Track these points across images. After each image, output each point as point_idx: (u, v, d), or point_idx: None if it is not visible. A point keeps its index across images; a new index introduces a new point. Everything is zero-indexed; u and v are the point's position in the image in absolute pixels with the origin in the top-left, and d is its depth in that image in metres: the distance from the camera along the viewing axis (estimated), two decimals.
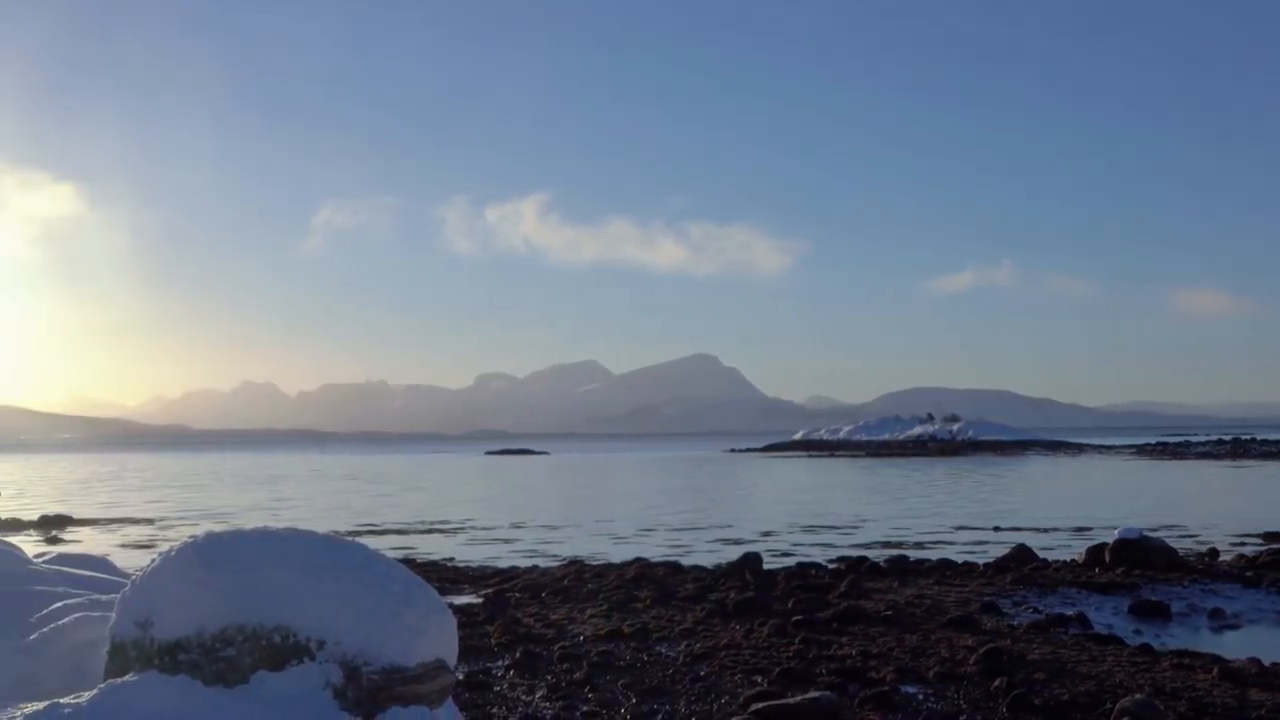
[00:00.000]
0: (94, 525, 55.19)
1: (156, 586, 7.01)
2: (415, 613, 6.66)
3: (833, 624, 21.06)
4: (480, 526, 51.60)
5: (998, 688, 15.31)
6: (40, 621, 8.76)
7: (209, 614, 6.72)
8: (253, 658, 6.61)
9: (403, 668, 6.54)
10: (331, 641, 6.50)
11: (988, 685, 15.58)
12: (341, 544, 7.24)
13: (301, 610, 6.58)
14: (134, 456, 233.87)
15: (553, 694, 15.82)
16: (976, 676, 16.14)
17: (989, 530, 46.42)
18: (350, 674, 6.46)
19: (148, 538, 47.66)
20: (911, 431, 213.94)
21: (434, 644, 6.69)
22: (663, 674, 17.00)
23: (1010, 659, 17.20)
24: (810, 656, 17.96)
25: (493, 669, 17.69)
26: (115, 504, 72.59)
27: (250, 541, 7.06)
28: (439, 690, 6.71)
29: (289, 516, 58.00)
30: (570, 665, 17.60)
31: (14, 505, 69.34)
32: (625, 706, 15.02)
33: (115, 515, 61.94)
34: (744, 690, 15.69)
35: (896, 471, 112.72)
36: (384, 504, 70.40)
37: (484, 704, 15.21)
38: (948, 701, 15.02)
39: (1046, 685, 15.56)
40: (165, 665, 6.76)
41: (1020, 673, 16.23)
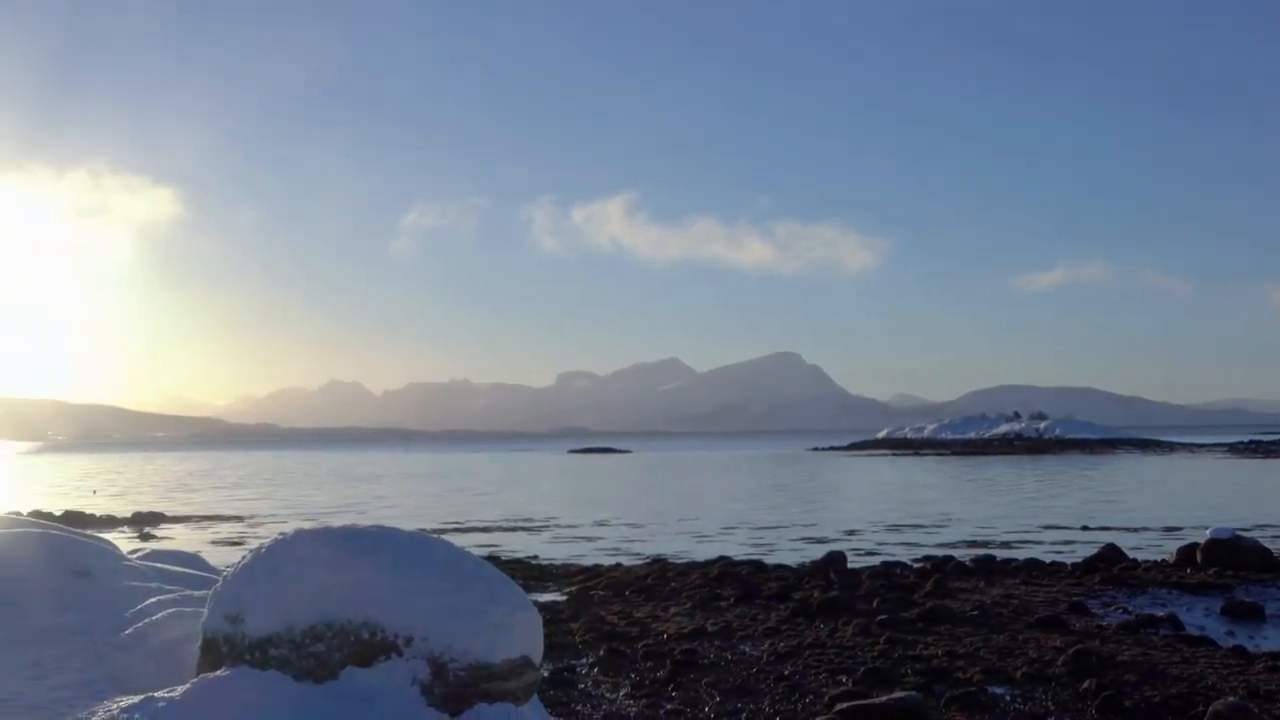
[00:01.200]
0: (185, 522, 56.05)
1: (247, 583, 7.10)
2: (501, 610, 6.70)
3: (918, 624, 20.91)
4: (564, 524, 51.77)
5: (1087, 689, 15.12)
6: (134, 617, 8.91)
7: (298, 610, 6.80)
8: (341, 654, 6.68)
9: (489, 664, 6.58)
10: (419, 638, 6.56)
11: (1076, 687, 15.39)
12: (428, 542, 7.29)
13: (389, 607, 6.64)
14: (223, 455, 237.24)
15: (637, 692, 15.84)
16: (1065, 678, 15.95)
17: (1077, 530, 45.85)
18: (437, 670, 6.51)
19: (237, 535, 48.34)
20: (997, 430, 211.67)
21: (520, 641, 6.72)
22: (747, 673, 16.97)
23: (1099, 660, 16.97)
24: (895, 656, 17.84)
25: (577, 666, 17.73)
26: (206, 502, 73.69)
27: (338, 539, 7.13)
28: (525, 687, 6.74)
29: (376, 514, 58.56)
30: (654, 663, 17.61)
31: (108, 503, 70.59)
32: (709, 705, 15.00)
33: (206, 513, 62.87)
34: (829, 690, 15.62)
35: (982, 470, 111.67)
36: (468, 502, 70.85)
37: (568, 701, 15.26)
38: (1035, 703, 14.85)
39: (1137, 687, 15.33)
40: (256, 660, 6.85)
41: (1110, 674, 16.01)
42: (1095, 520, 49.91)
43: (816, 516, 55.11)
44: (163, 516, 58.39)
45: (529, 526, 50.97)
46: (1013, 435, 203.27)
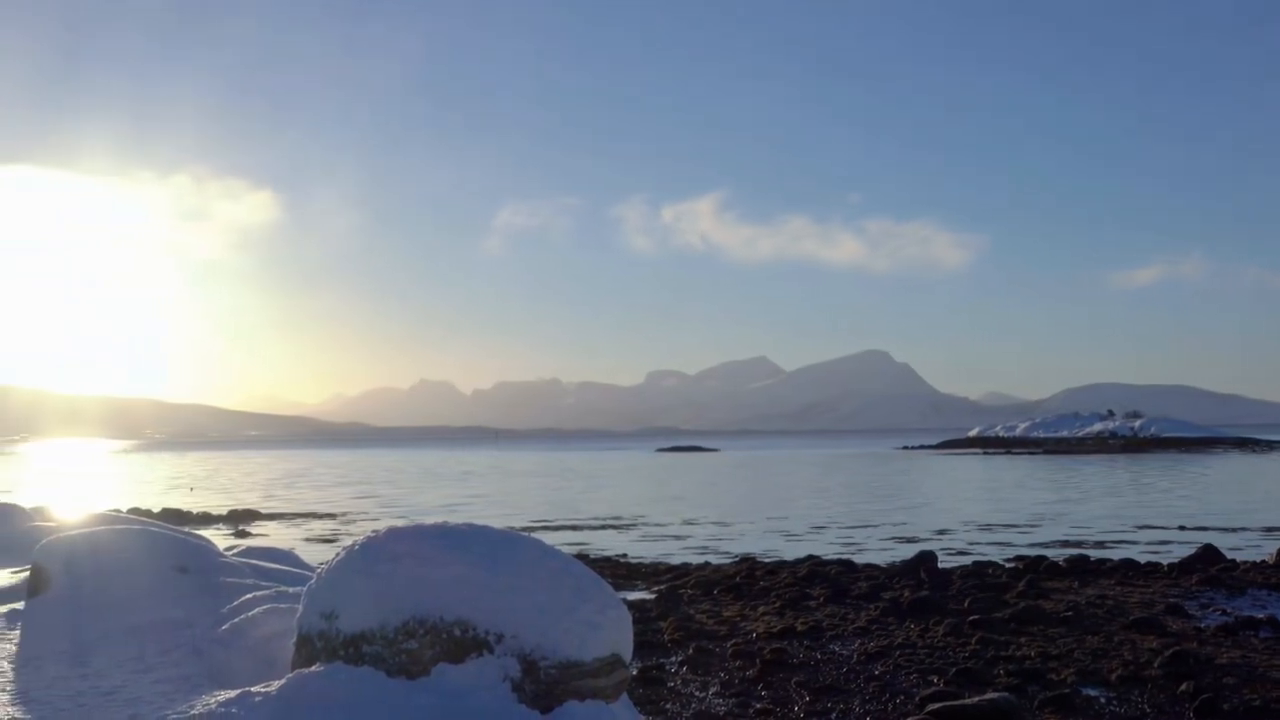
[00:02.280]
0: (279, 520, 56.84)
1: (341, 580, 7.20)
2: (591, 607, 6.73)
3: (1010, 624, 20.71)
4: (652, 523, 51.83)
5: (1184, 692, 14.89)
6: (231, 613, 9.06)
7: (391, 607, 6.88)
8: (433, 651, 6.75)
9: (579, 662, 6.61)
10: (510, 636, 6.61)
11: (1173, 689, 15.17)
12: (519, 539, 7.35)
13: (480, 605, 6.70)
14: (316, 453, 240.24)
15: (726, 690, 15.84)
16: (1161, 680, 15.72)
17: (1173, 530, 45.14)
18: (528, 667, 6.56)
19: (330, 532, 48.92)
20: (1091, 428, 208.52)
21: (610, 639, 6.75)
22: (836, 672, 16.91)
23: (1197, 662, 16.70)
24: (987, 657, 17.69)
25: (666, 665, 17.77)
26: (299, 499, 74.68)
27: (431, 537, 7.21)
28: (615, 685, 6.77)
29: (466, 512, 58.96)
30: (743, 662, 17.60)
31: (204, 500, 71.78)
32: (799, 704, 14.97)
33: (299, 510, 63.72)
34: (920, 690, 15.52)
35: (1075, 469, 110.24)
36: (557, 500, 71.15)
37: (658, 699, 15.29)
38: (1131, 705, 14.65)
39: (1236, 690, 15.07)
40: (350, 657, 6.94)
41: (1208, 677, 15.75)
42: (1192, 520, 49.11)
43: (906, 516, 54.71)
44: (257, 514, 59.29)
45: (617, 525, 51.10)
46: (1107, 434, 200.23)
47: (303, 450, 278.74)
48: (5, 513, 18.41)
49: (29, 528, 16.71)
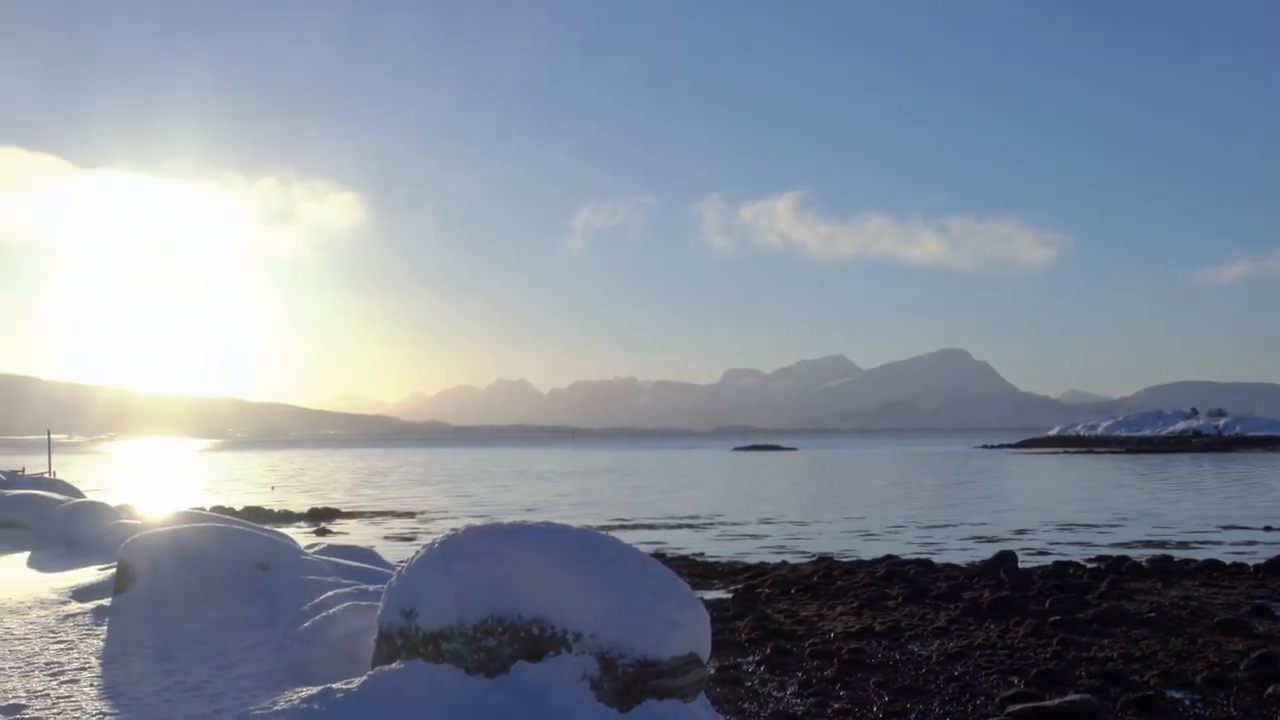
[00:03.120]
0: (359, 518, 57.40)
1: (420, 578, 7.25)
2: (669, 606, 6.73)
3: (1092, 625, 20.49)
4: (729, 522, 51.78)
5: (1271, 694, 14.65)
6: (312, 610, 9.16)
7: (470, 605, 6.92)
8: (512, 649, 6.78)
9: (657, 661, 6.61)
10: (587, 634, 6.62)
11: (1260, 692, 14.93)
12: (596, 538, 7.36)
13: (558, 603, 6.72)
14: (394, 452, 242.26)
15: (804, 690, 15.79)
16: (1248, 682, 15.47)
17: (1259, 530, 44.42)
18: (606, 666, 6.57)
19: (409, 530, 49.33)
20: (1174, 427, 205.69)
21: (688, 638, 6.75)
22: (916, 672, 16.80)
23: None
24: (1069, 658, 17.50)
25: (743, 664, 17.75)
26: (378, 498, 75.36)
27: (508, 535, 7.24)
28: (693, 684, 6.77)
29: (544, 511, 59.20)
30: (821, 662, 17.54)
31: (285, 498, 72.63)
32: (878, 704, 14.89)
33: (379, 508, 64.31)
34: (1000, 691, 15.39)
35: (1158, 469, 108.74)
36: (634, 499, 71.26)
37: (735, 699, 15.27)
38: (1216, 708, 14.43)
39: None
40: (429, 654, 6.99)
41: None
42: (1279, 520, 48.30)
43: (986, 515, 54.25)
44: (337, 512, 59.92)
45: (694, 524, 51.09)
46: (1190, 432, 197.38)
47: (381, 449, 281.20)
48: (92, 511, 18.75)
49: (115, 525, 16.99)
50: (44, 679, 8.19)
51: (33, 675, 8.31)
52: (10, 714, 7.20)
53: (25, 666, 8.61)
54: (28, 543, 18.85)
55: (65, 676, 8.25)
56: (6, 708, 7.35)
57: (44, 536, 18.91)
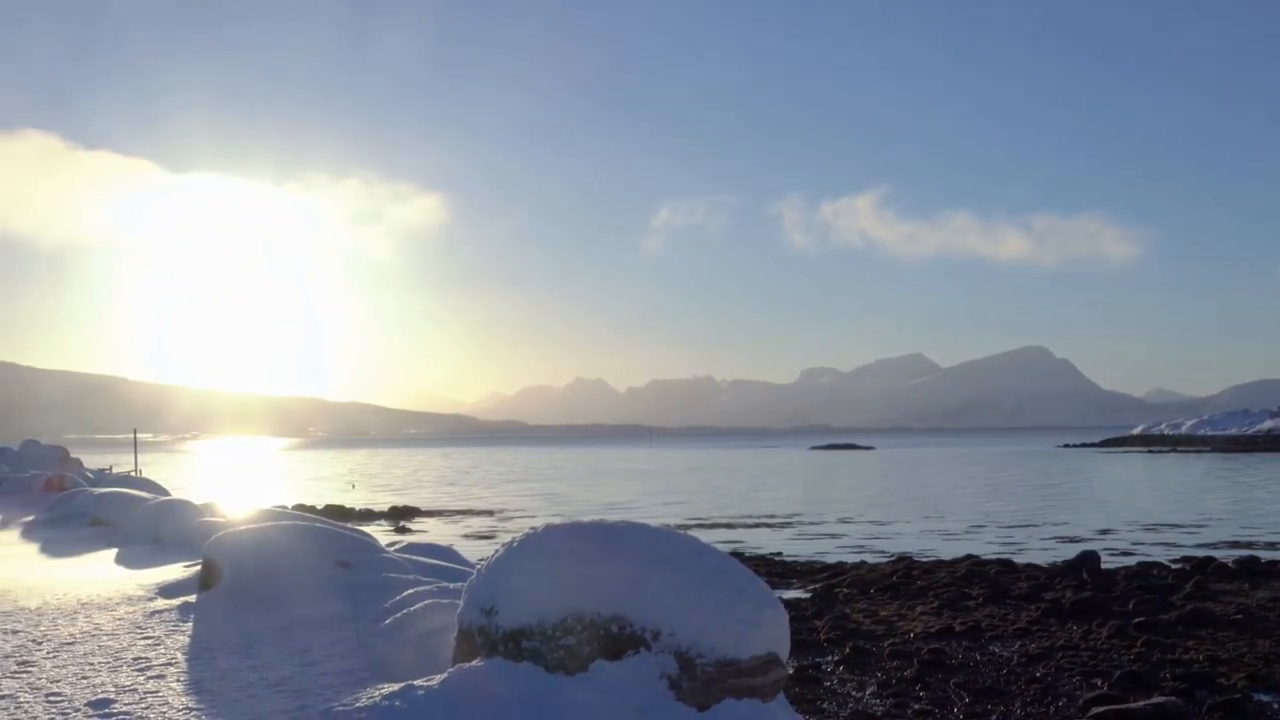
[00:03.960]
0: (439, 516, 57.82)
1: (500, 576, 7.28)
2: (748, 606, 6.71)
3: (1177, 626, 20.22)
4: (807, 521, 51.60)
5: None
6: (394, 608, 9.23)
7: (549, 603, 6.94)
8: (591, 647, 6.79)
9: (736, 660, 6.59)
10: (666, 633, 6.61)
11: None
12: (675, 536, 7.36)
13: (637, 602, 6.72)
14: (473, 451, 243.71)
15: (883, 691, 15.72)
16: None
17: None
18: (685, 665, 6.56)
19: (488, 529, 49.62)
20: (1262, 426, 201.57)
21: (767, 637, 6.72)
22: (997, 674, 16.67)
23: None
24: (1153, 660, 17.29)
25: (822, 664, 17.69)
26: (457, 496, 75.86)
27: (588, 534, 7.25)
28: (772, 684, 6.74)
29: (622, 510, 59.32)
30: (900, 662, 17.45)
31: (366, 497, 73.30)
32: (958, 705, 14.79)
33: (458, 507, 64.75)
34: (1083, 693, 15.23)
35: (1244, 468, 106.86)
36: (712, 498, 71.18)
37: (814, 699, 15.23)
38: None
39: None
40: (509, 652, 7.01)
41: None
42: None
43: (1068, 515, 53.65)
44: (417, 510, 60.38)
45: (772, 523, 50.96)
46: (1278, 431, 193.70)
47: (460, 448, 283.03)
48: (177, 509, 19.03)
49: (199, 523, 17.24)
50: (132, 674, 8.32)
51: (121, 670, 8.45)
52: (99, 708, 7.32)
53: (113, 662, 8.76)
54: (115, 540, 19.16)
55: (152, 672, 8.38)
56: (96, 702, 7.47)
57: (131, 534, 19.22)
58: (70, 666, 8.64)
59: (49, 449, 58.01)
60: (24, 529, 22.88)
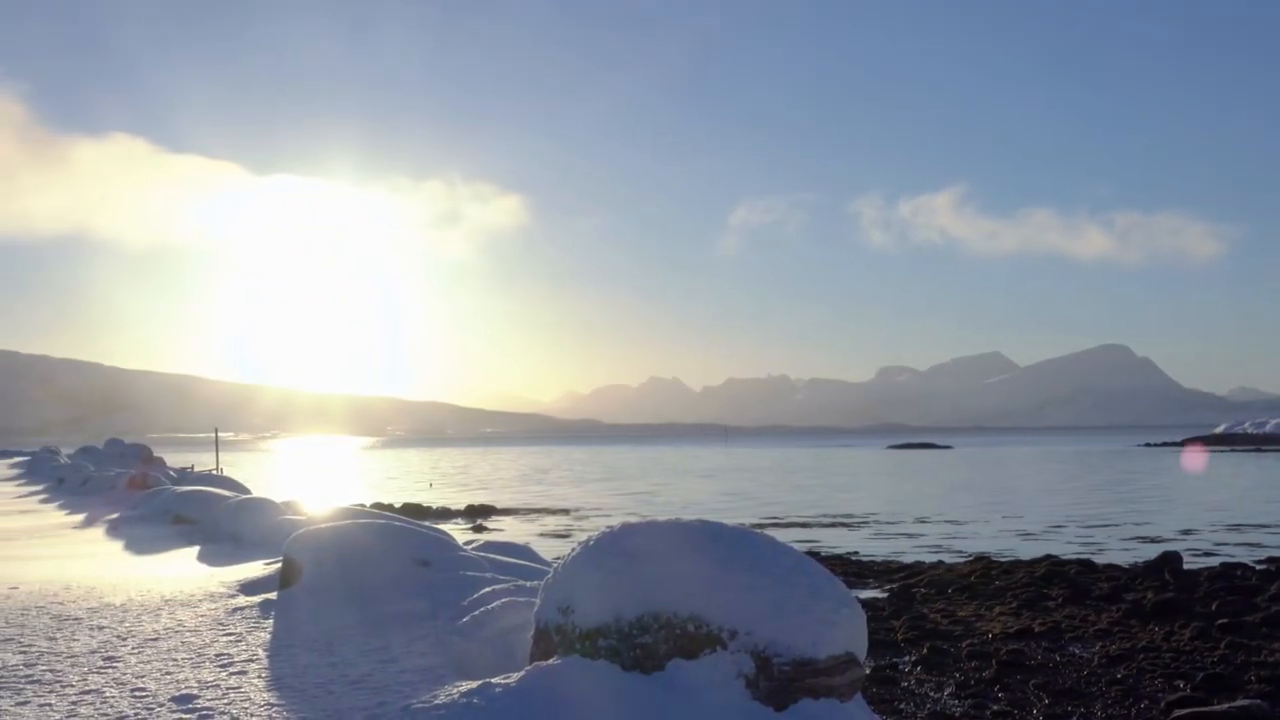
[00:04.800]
0: (515, 515, 58.09)
1: (576, 575, 7.30)
2: (825, 605, 6.68)
3: (1262, 628, 19.91)
4: (883, 521, 51.33)
5: None
6: (471, 605, 9.29)
7: (626, 602, 6.95)
8: (668, 646, 6.79)
9: (813, 660, 6.57)
10: (743, 632, 6.60)
11: None
12: (751, 536, 7.34)
13: (714, 601, 6.71)
14: (549, 450, 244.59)
15: (961, 691, 15.61)
16: None
17: None
18: (761, 664, 6.55)
19: (564, 527, 49.78)
20: None
21: (844, 637, 6.70)
22: (1077, 675, 16.50)
23: None
24: (1237, 662, 17.03)
25: (899, 664, 17.60)
26: (534, 495, 76.17)
27: (664, 532, 7.26)
28: (849, 684, 6.71)
29: (698, 509, 59.29)
30: (979, 663, 17.32)
31: (443, 495, 73.78)
32: (1037, 707, 14.65)
33: (534, 505, 65.01)
34: (1165, 695, 15.04)
35: None
36: (788, 497, 70.98)
37: (891, 699, 15.15)
38: None
39: None
40: (586, 650, 7.04)
41: None
42: None
43: (1149, 515, 52.96)
44: (493, 509, 60.71)
45: (848, 522, 50.74)
46: None
47: (536, 447, 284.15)
48: (258, 506, 19.26)
49: (280, 521, 17.44)
50: (214, 670, 8.44)
51: (203, 666, 8.58)
52: (182, 704, 7.43)
53: (196, 658, 8.89)
54: (197, 538, 19.44)
55: (234, 668, 8.49)
56: (179, 697, 7.59)
57: (212, 532, 19.48)
58: (154, 662, 8.78)
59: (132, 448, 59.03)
60: (109, 526, 23.26)
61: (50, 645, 9.53)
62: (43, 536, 21.82)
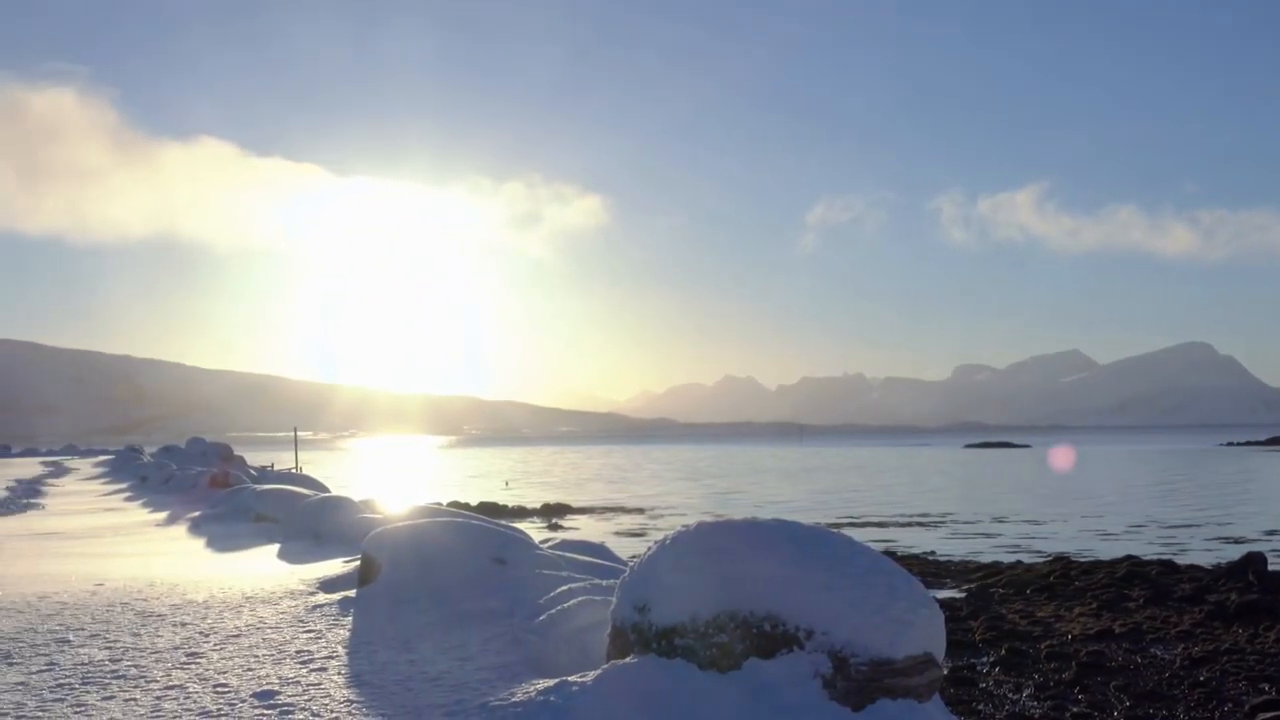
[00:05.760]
0: (590, 513, 58.25)
1: (653, 574, 7.31)
2: (902, 605, 6.64)
3: None
4: (960, 520, 50.96)
5: None
6: (548, 604, 9.33)
7: (702, 601, 6.94)
8: (744, 645, 6.78)
9: (890, 660, 6.54)
10: (820, 632, 6.58)
11: None
12: (827, 535, 7.31)
13: (790, 600, 6.69)
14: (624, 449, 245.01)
15: (1040, 693, 15.47)
16: None
17: None
18: (839, 665, 6.52)
19: (639, 526, 49.88)
20: None
21: (922, 637, 6.65)
22: (1158, 677, 16.29)
23: None
24: None
25: (977, 665, 17.48)
26: (608, 494, 76.32)
27: (740, 531, 7.24)
28: (927, 684, 6.67)
29: (773, 508, 59.21)
30: (1058, 664, 17.16)
31: (519, 494, 74.13)
32: (1118, 709, 14.49)
33: (609, 504, 65.16)
34: (1249, 698, 14.83)
35: None
36: (864, 496, 70.63)
37: (969, 700, 15.04)
38: None
39: None
40: (662, 649, 7.04)
41: None
42: None
43: (1232, 515, 52.19)
44: (569, 508, 60.92)
45: (925, 522, 50.42)
46: None
47: (611, 446, 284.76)
48: (337, 505, 19.44)
49: (358, 519, 17.59)
50: (295, 666, 8.54)
51: (284, 663, 8.67)
52: (264, 699, 7.52)
53: (277, 654, 8.99)
54: (278, 536, 19.66)
55: (314, 664, 8.58)
56: (261, 693, 7.68)
57: (293, 530, 19.68)
58: (236, 658, 8.89)
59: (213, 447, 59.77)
60: (191, 524, 23.58)
61: (135, 641, 9.68)
62: (127, 534, 22.18)
